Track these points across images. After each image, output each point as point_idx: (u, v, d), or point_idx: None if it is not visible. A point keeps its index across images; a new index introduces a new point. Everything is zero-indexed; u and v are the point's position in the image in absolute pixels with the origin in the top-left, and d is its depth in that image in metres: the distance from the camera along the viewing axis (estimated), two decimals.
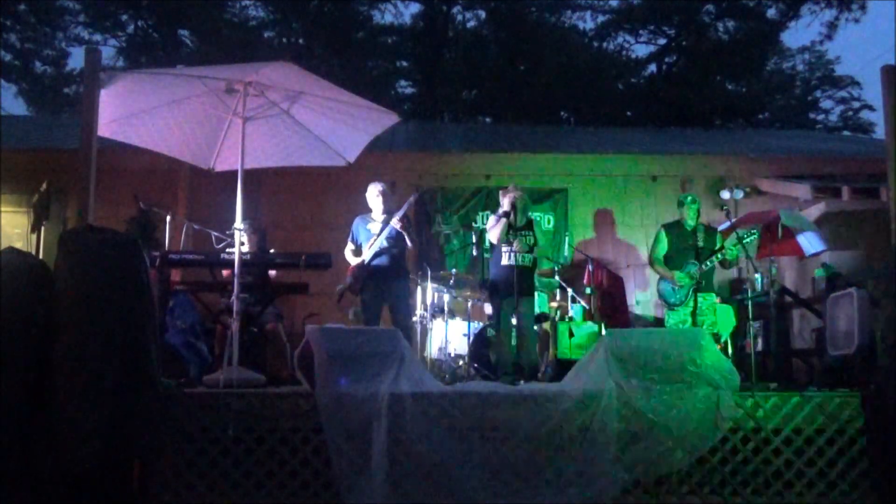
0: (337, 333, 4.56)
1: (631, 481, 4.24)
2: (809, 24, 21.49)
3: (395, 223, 5.89)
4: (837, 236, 7.23)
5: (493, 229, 5.90)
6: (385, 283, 6.00)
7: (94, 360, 3.70)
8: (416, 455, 4.13)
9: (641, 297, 8.28)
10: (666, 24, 22.42)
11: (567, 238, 8.27)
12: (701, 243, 6.16)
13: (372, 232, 6.07)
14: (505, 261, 5.82)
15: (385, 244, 5.99)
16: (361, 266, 6.01)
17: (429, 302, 6.55)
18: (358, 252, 6.11)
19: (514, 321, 5.69)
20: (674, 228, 6.34)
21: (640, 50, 23.01)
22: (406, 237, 5.98)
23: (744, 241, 5.74)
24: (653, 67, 22.97)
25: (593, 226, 8.62)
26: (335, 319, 6.61)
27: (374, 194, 6.21)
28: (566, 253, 8.21)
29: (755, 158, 9.04)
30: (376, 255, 6.00)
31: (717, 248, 6.12)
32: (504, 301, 5.78)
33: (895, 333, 4.38)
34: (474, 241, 7.77)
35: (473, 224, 8.37)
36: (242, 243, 5.24)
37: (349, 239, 6.23)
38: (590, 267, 7.27)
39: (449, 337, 6.61)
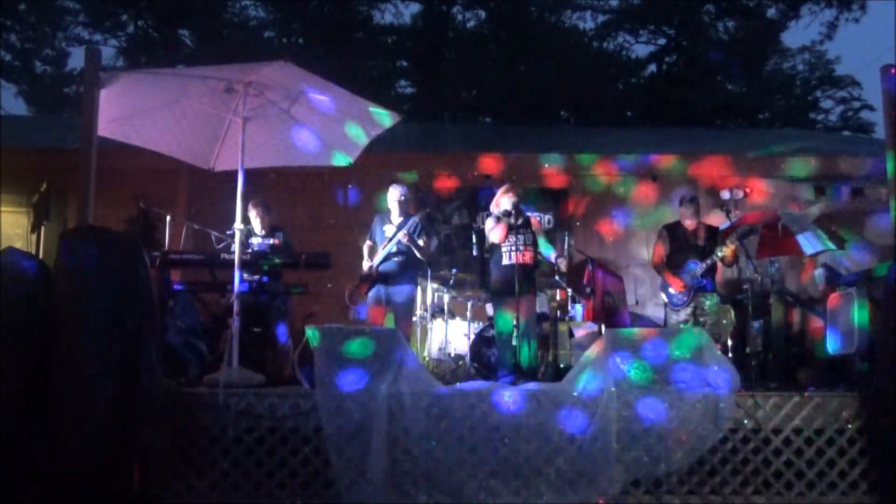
0: (337, 333, 4.56)
1: (631, 481, 4.24)
2: (809, 24, 21.49)
3: (403, 237, 5.94)
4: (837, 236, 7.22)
5: (494, 230, 5.89)
6: (390, 287, 6.08)
7: (94, 360, 3.70)
8: (416, 455, 4.14)
9: (641, 297, 8.28)
10: (666, 24, 22.43)
11: (567, 238, 8.26)
12: (702, 243, 6.16)
13: (387, 235, 6.14)
14: (506, 260, 5.81)
15: (394, 249, 6.04)
16: (370, 269, 6.10)
17: (429, 302, 6.55)
18: (373, 251, 6.17)
19: (514, 321, 5.68)
20: (674, 229, 6.34)
21: (640, 50, 23.05)
22: (414, 249, 6.02)
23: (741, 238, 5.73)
24: (653, 67, 23.00)
25: (593, 226, 8.62)
26: (335, 319, 6.61)
27: (393, 198, 6.25)
28: (566, 253, 8.20)
29: (755, 158, 9.04)
30: (385, 259, 6.05)
31: (718, 246, 6.13)
32: (505, 301, 5.77)
33: (895, 334, 4.38)
34: (474, 241, 7.76)
35: (473, 224, 8.37)
36: (249, 226, 5.21)
37: (368, 236, 6.32)
38: (590, 267, 7.27)
39: (449, 337, 6.61)
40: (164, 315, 5.56)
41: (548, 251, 5.92)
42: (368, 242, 6.27)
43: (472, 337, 6.52)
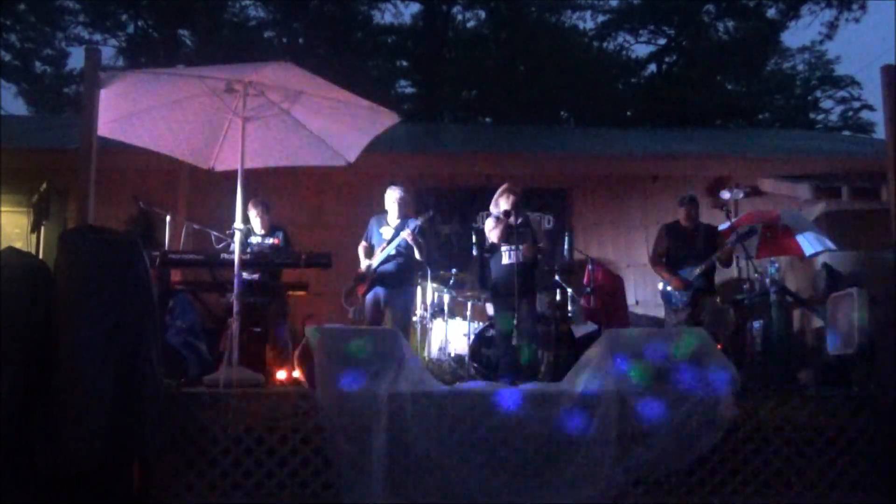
0: (337, 333, 4.56)
1: (631, 482, 4.23)
2: (809, 24, 21.50)
3: (407, 236, 5.94)
4: (837, 236, 7.22)
5: (494, 230, 5.90)
6: (389, 290, 6.07)
7: (94, 360, 3.70)
8: (416, 455, 4.13)
9: (641, 297, 8.29)
10: (666, 24, 22.44)
11: (567, 238, 8.27)
12: (701, 243, 6.17)
13: (384, 236, 6.14)
14: (505, 260, 5.82)
15: (393, 252, 6.04)
16: (368, 270, 6.07)
17: (429, 302, 6.55)
18: (370, 252, 6.16)
19: (514, 321, 5.68)
20: (674, 228, 6.35)
21: (640, 50, 23.06)
22: (416, 250, 6.02)
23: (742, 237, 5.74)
24: (653, 67, 23.01)
25: (593, 226, 8.62)
26: (335, 319, 6.62)
27: (391, 199, 6.24)
28: (566, 253, 8.20)
29: (755, 158, 9.05)
30: (384, 261, 6.05)
31: (717, 247, 6.13)
32: (505, 300, 5.77)
33: (895, 333, 4.38)
34: (474, 241, 7.77)
35: (473, 224, 8.37)
36: (249, 226, 5.20)
37: (363, 237, 6.30)
38: (590, 267, 7.27)
39: (449, 337, 6.61)
40: (164, 315, 5.56)
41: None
42: (364, 243, 6.28)
43: (472, 337, 6.52)
